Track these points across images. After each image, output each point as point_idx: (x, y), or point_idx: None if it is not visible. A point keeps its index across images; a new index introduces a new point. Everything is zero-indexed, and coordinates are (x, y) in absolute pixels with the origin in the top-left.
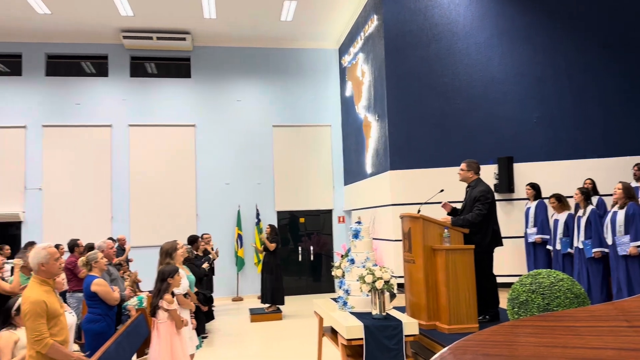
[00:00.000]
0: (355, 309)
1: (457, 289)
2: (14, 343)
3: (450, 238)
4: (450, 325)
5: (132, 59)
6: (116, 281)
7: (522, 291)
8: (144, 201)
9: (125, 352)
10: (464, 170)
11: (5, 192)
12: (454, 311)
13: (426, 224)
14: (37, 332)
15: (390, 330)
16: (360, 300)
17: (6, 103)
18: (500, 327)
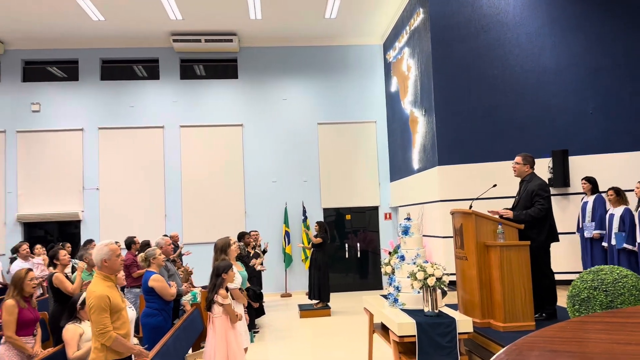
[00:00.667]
0: (407, 306)
1: (512, 286)
2: (79, 336)
3: (505, 234)
4: (505, 323)
5: (181, 61)
6: (174, 277)
7: (583, 288)
8: (195, 199)
9: (182, 346)
10: (519, 164)
11: (65, 192)
12: (509, 309)
13: (479, 220)
14: (102, 326)
15: (444, 327)
16: (411, 297)
17: (65, 107)
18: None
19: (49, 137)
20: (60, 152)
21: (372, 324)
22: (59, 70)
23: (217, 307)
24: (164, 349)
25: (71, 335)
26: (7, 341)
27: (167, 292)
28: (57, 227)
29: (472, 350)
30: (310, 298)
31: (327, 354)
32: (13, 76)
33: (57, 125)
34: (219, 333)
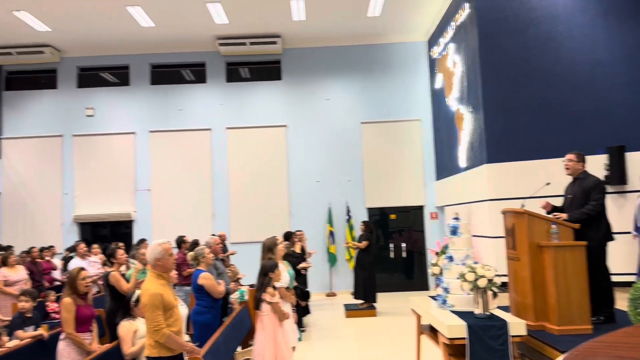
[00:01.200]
0: (456, 308)
1: (567, 288)
2: (133, 332)
3: (559, 234)
4: (560, 327)
5: (227, 64)
6: (222, 275)
7: None
8: (241, 199)
9: (231, 344)
10: (573, 162)
11: (119, 193)
12: (564, 311)
13: (531, 220)
14: (156, 323)
15: (495, 330)
16: (460, 299)
17: (117, 111)
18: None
19: (102, 141)
20: (113, 154)
21: (420, 325)
22: (112, 76)
23: (266, 305)
24: (214, 346)
25: (126, 331)
26: (67, 337)
27: (216, 290)
28: (111, 227)
29: (525, 354)
30: (356, 298)
31: (373, 354)
32: (69, 83)
33: (110, 129)
34: (267, 331)
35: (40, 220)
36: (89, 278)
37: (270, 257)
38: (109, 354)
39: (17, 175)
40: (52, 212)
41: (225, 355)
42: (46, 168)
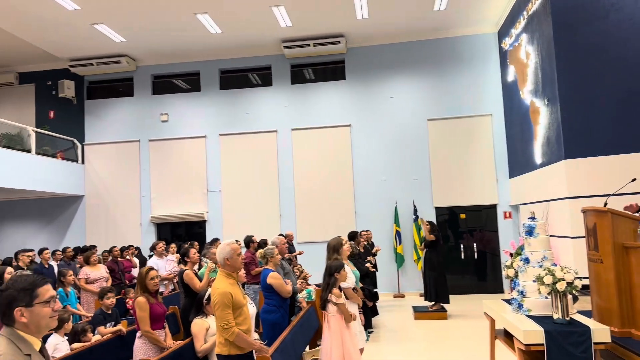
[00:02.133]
0: (533, 312)
1: None
2: (205, 330)
3: None
4: None
5: (292, 67)
6: (289, 275)
7: None
8: (307, 199)
9: (299, 343)
10: None
11: (192, 195)
12: None
13: (615, 219)
14: (225, 321)
15: (576, 336)
16: (537, 303)
17: (189, 116)
18: None
19: (176, 145)
20: (186, 158)
21: (494, 329)
22: (183, 83)
23: (332, 306)
24: (282, 345)
25: (198, 329)
26: (144, 335)
27: (284, 289)
28: (185, 227)
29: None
30: (427, 299)
31: (444, 358)
32: (144, 90)
33: (182, 134)
34: (334, 332)
35: (121, 221)
36: (156, 278)
37: (336, 257)
38: (183, 350)
39: (99, 179)
40: (131, 213)
41: (293, 355)
42: (125, 171)
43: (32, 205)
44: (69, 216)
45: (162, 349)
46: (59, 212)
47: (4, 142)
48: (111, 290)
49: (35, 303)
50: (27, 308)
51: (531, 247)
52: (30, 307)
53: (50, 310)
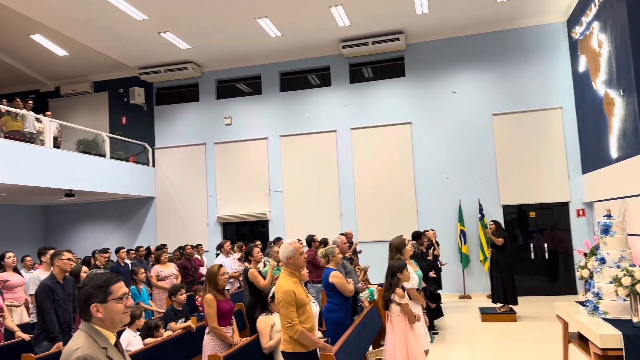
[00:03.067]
0: (610, 315)
1: None
2: (270, 327)
3: None
4: None
5: (350, 66)
6: (350, 274)
7: None
8: (367, 198)
9: (362, 342)
10: None
11: (255, 195)
12: None
13: None
14: (289, 319)
15: None
16: (615, 305)
17: (251, 119)
18: None
19: (239, 147)
20: (249, 159)
21: (567, 333)
22: (246, 86)
23: (395, 306)
24: (345, 344)
25: (264, 326)
26: (211, 331)
27: (347, 288)
28: (249, 226)
29: None
30: (494, 301)
31: None
32: (209, 95)
33: (245, 136)
34: (397, 332)
35: (189, 221)
36: (226, 274)
37: (399, 257)
38: (249, 346)
39: (168, 181)
40: (199, 214)
41: (357, 354)
42: (192, 173)
43: (108, 206)
44: (141, 217)
45: (229, 345)
46: (132, 213)
47: (81, 147)
48: (182, 288)
49: (110, 299)
50: (102, 304)
51: (607, 247)
52: (105, 303)
53: (123, 307)
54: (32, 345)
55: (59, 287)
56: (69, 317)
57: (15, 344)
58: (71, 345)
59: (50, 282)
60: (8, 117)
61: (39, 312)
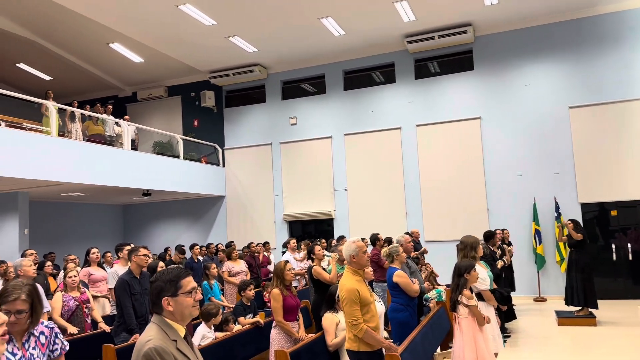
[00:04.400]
0: None
1: None
2: (335, 325)
3: None
4: None
5: (415, 61)
6: (415, 274)
7: None
8: (434, 197)
9: (429, 344)
10: None
11: (319, 193)
12: None
13: None
14: (354, 318)
15: None
16: None
17: (315, 118)
18: None
19: (304, 146)
20: (313, 158)
21: None
22: (310, 86)
23: (462, 308)
24: (412, 345)
25: (329, 323)
26: (278, 325)
27: (411, 288)
28: (314, 224)
29: None
30: (569, 304)
31: None
32: (275, 96)
33: (310, 135)
34: (466, 334)
35: (257, 219)
36: (292, 270)
37: (474, 255)
38: (315, 343)
39: (237, 180)
40: (266, 212)
41: (423, 355)
42: (259, 173)
43: (181, 205)
44: (212, 215)
45: (295, 340)
46: (203, 211)
47: (157, 149)
48: (251, 284)
49: (180, 293)
50: (173, 298)
51: None
52: (175, 297)
53: (192, 301)
54: (112, 336)
55: (135, 281)
56: (145, 310)
57: (98, 335)
58: (144, 336)
59: (128, 277)
60: (90, 122)
61: (117, 305)
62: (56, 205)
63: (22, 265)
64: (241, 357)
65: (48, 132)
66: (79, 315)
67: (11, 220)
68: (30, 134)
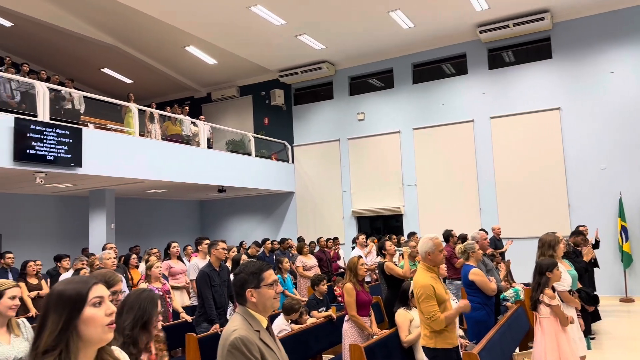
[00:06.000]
0: None
1: None
2: (409, 321)
3: None
4: None
5: (489, 51)
6: (491, 272)
7: None
8: (510, 192)
9: (508, 344)
10: None
11: (388, 189)
12: None
13: None
14: (431, 313)
15: None
16: None
17: (383, 113)
18: None
19: (372, 142)
20: (381, 153)
21: None
22: (378, 81)
23: (544, 307)
24: (489, 344)
25: (402, 319)
26: (351, 319)
27: (488, 286)
28: (383, 220)
29: None
30: None
31: None
32: (342, 92)
33: (378, 130)
34: (548, 335)
35: (326, 215)
36: (365, 265)
37: (552, 254)
38: (388, 339)
39: (307, 177)
40: (335, 208)
41: (501, 355)
42: (328, 169)
43: (254, 201)
44: (282, 210)
45: (367, 336)
46: (274, 207)
47: (230, 147)
48: (324, 278)
49: (262, 285)
50: (256, 289)
51: None
52: (258, 289)
53: (274, 292)
54: (194, 325)
55: (215, 274)
56: (225, 301)
57: (180, 324)
58: (229, 326)
59: (208, 269)
60: (169, 122)
61: (198, 296)
62: (139, 201)
63: (102, 258)
64: (316, 349)
65: (130, 133)
66: (162, 306)
67: (99, 215)
68: (114, 134)
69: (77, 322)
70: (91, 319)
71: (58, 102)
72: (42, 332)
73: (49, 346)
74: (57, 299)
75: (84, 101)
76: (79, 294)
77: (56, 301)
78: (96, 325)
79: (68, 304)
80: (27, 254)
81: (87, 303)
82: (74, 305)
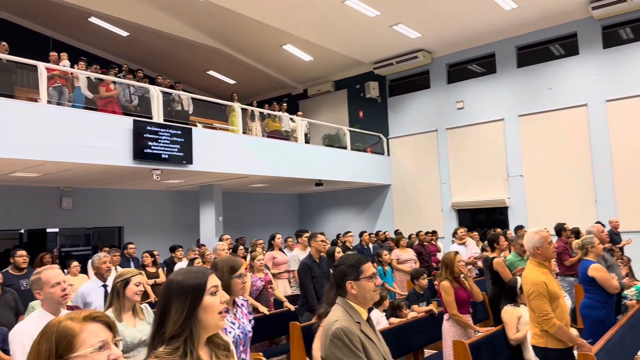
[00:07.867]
0: None
1: None
2: (517, 318)
3: None
4: None
5: (603, 29)
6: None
7: None
8: (630, 182)
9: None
10: None
11: (491, 180)
12: None
13: None
14: (544, 312)
15: None
16: None
17: (485, 100)
18: None
19: (472, 131)
20: (483, 143)
21: None
22: (478, 67)
23: None
24: (608, 345)
25: (510, 316)
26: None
27: (610, 284)
28: (486, 213)
29: None
30: None
31: None
32: (439, 81)
33: (479, 119)
34: None
35: (423, 208)
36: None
37: None
38: (495, 336)
39: (402, 169)
40: (433, 200)
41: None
42: (424, 161)
43: (350, 194)
44: (379, 203)
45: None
46: (370, 200)
47: (326, 141)
48: (424, 272)
49: (361, 278)
50: (355, 282)
51: None
52: (358, 281)
53: (373, 285)
54: (297, 314)
55: (315, 265)
56: None
57: (284, 313)
58: (331, 317)
59: (309, 261)
60: (269, 119)
61: (300, 286)
62: (243, 195)
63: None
64: (417, 344)
65: (234, 131)
66: (264, 295)
67: (209, 209)
68: (220, 132)
69: (198, 310)
70: (210, 307)
71: (169, 104)
72: (166, 319)
73: (175, 332)
74: (179, 289)
75: (192, 102)
76: (199, 283)
77: (178, 291)
78: (214, 312)
79: (190, 293)
80: (146, 245)
81: (206, 292)
82: (195, 295)
